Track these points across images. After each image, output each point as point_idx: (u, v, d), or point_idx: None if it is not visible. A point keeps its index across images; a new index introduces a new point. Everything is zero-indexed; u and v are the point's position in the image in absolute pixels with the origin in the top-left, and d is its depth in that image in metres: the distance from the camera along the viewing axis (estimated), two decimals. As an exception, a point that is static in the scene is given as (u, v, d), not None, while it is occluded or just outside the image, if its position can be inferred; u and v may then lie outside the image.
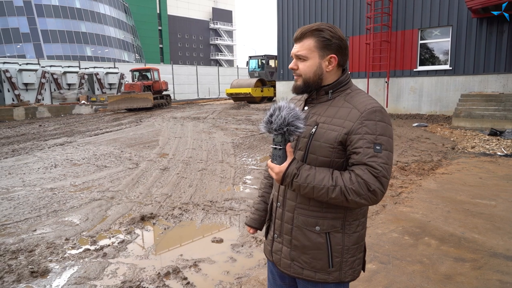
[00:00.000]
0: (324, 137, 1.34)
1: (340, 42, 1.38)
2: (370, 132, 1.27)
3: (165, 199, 5.02)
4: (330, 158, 1.33)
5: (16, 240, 3.78)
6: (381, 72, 14.99)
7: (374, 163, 1.24)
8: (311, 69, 1.39)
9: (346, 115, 1.33)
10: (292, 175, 1.31)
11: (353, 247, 1.41)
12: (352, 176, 1.25)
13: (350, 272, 1.42)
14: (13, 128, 13.92)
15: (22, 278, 3.04)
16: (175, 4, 68.61)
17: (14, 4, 40.56)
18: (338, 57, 1.39)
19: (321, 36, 1.37)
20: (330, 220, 1.37)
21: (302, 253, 1.42)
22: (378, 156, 1.25)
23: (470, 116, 10.65)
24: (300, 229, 1.41)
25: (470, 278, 2.86)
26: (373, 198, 1.25)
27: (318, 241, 1.38)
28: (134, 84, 20.57)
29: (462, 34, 12.92)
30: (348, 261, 1.40)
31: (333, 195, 1.26)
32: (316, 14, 16.93)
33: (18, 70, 20.56)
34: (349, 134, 1.30)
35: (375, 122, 1.29)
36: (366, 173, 1.24)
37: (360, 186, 1.23)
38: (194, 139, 10.00)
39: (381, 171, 1.24)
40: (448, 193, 5.02)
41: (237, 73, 40.24)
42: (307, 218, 1.39)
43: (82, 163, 7.42)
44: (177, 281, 2.96)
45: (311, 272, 1.41)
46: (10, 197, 5.26)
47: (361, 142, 1.27)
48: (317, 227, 1.38)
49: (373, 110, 1.30)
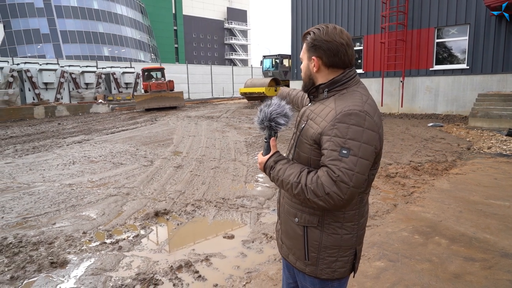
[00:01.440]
0: (306, 134, 1.40)
1: (325, 44, 1.38)
2: (339, 135, 1.25)
3: (178, 196, 5.14)
4: (308, 155, 1.38)
5: (36, 232, 3.95)
6: (396, 72, 14.82)
7: (334, 167, 1.22)
8: (304, 70, 1.50)
9: (325, 115, 1.34)
10: (269, 167, 1.42)
11: (332, 247, 1.39)
12: (314, 177, 1.27)
13: (327, 271, 1.42)
14: (33, 126, 14.35)
15: (43, 268, 3.19)
16: (191, 4, 69.21)
17: (35, 5, 41.71)
18: (323, 58, 1.40)
19: (307, 39, 1.45)
20: (307, 214, 1.41)
21: (287, 238, 1.53)
22: (342, 161, 1.22)
23: (488, 116, 10.44)
24: (285, 216, 1.53)
25: (479, 278, 2.86)
26: (330, 202, 1.23)
27: (297, 232, 1.46)
28: (161, 82, 20.46)
29: (480, 32, 12.66)
30: (325, 259, 1.41)
31: (295, 191, 1.31)
32: (331, 13, 16.86)
33: (38, 70, 21.15)
34: (322, 134, 1.31)
35: (347, 125, 1.25)
36: (325, 175, 1.24)
37: (318, 187, 1.24)
38: (207, 137, 10.13)
39: (339, 176, 1.21)
40: (461, 193, 4.98)
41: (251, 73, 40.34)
42: (289, 208, 1.49)
43: (99, 160, 7.63)
44: (189, 274, 3.05)
45: (293, 258, 1.50)
46: (31, 192, 5.47)
47: (327, 143, 1.27)
48: (296, 219, 1.45)
49: (349, 113, 1.27)
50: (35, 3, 41.71)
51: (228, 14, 75.41)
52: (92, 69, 24.85)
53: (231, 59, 75.21)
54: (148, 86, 20.86)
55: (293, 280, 1.64)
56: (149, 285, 2.89)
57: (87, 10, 45.37)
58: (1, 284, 2.96)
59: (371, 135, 1.27)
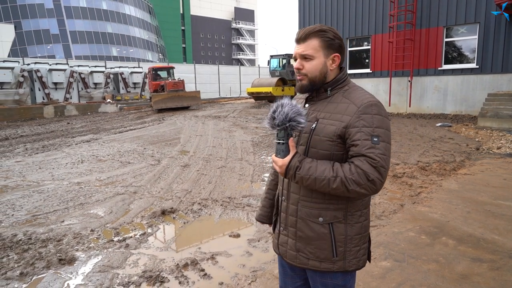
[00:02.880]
0: (324, 131, 1.41)
1: (341, 42, 1.47)
2: (367, 125, 1.34)
3: (185, 195, 5.17)
4: (330, 151, 1.41)
5: (45, 230, 4.01)
6: (404, 71, 14.70)
7: (372, 154, 1.31)
8: (318, 68, 1.46)
9: (344, 110, 1.41)
10: (295, 167, 1.38)
11: (356, 237, 1.46)
12: (352, 167, 1.32)
13: (354, 262, 1.47)
14: (43, 125, 14.55)
15: (51, 264, 3.24)
16: (198, 4, 69.46)
17: (45, 6, 42.25)
18: (340, 56, 1.48)
19: (325, 36, 1.44)
20: (333, 211, 1.43)
21: (306, 244, 1.49)
22: (376, 148, 1.31)
23: (497, 116, 10.31)
24: (304, 221, 1.48)
25: (487, 279, 2.83)
26: (373, 188, 1.31)
27: (321, 232, 1.45)
28: (178, 82, 19.94)
29: (490, 31, 12.49)
30: (351, 251, 1.46)
31: (334, 186, 1.32)
32: (338, 13, 16.78)
33: (48, 70, 21.43)
34: (347, 127, 1.37)
35: (371, 115, 1.36)
36: (365, 164, 1.30)
37: (360, 176, 1.29)
38: (214, 137, 10.16)
39: (379, 161, 1.30)
40: (469, 193, 4.93)
41: (258, 72, 40.35)
42: (310, 210, 1.46)
43: (107, 159, 7.71)
44: (195, 272, 3.07)
45: (316, 262, 1.48)
46: (40, 190, 5.55)
47: (359, 134, 1.34)
48: (320, 218, 1.44)
49: (370, 104, 1.38)
50: (45, 4, 42.27)
51: (236, 14, 75.51)
52: (101, 69, 25.11)
53: (239, 59, 75.30)
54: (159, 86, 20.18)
55: (300, 279, 1.64)
56: (156, 282, 2.92)
57: (96, 10, 45.82)
58: (11, 280, 3.02)
59: (388, 122, 1.40)
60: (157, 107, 18.58)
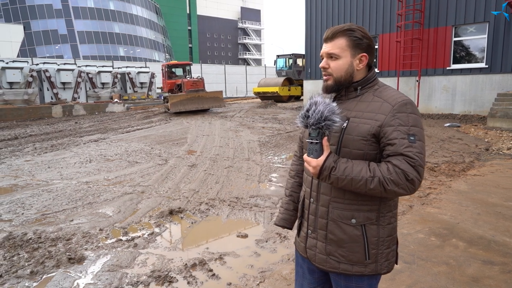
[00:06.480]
0: (357, 130, 1.38)
1: (369, 41, 1.45)
2: (403, 124, 1.33)
3: (192, 195, 5.18)
4: (364, 151, 1.38)
5: (55, 229, 4.05)
6: (412, 71, 14.59)
7: (410, 153, 1.29)
8: (343, 67, 1.44)
9: (377, 108, 1.38)
10: (330, 168, 1.33)
11: (387, 238, 1.44)
12: (390, 167, 1.29)
13: (385, 264, 1.45)
14: (51, 125, 14.68)
15: (61, 263, 3.26)
16: (205, 4, 69.61)
17: (53, 7, 42.66)
18: (368, 56, 1.45)
19: (353, 36, 1.42)
20: (366, 212, 1.40)
21: (338, 246, 1.44)
22: (413, 146, 1.30)
23: (507, 116, 10.18)
24: (335, 223, 1.44)
25: (498, 282, 2.79)
26: (411, 187, 1.28)
27: (354, 234, 1.41)
28: (197, 80, 17.38)
29: (500, 30, 12.33)
30: (383, 253, 1.43)
31: (371, 186, 1.29)
32: (345, 12, 16.70)
33: (56, 70, 21.62)
34: (382, 126, 1.34)
35: (407, 114, 1.34)
36: (404, 163, 1.28)
37: (398, 176, 1.27)
38: (221, 137, 10.17)
39: (417, 160, 1.28)
40: (479, 195, 4.87)
41: (264, 72, 40.34)
42: (342, 211, 1.42)
43: (115, 158, 7.76)
44: (203, 273, 3.08)
45: (348, 265, 1.43)
46: (49, 189, 5.60)
47: (395, 133, 1.32)
48: (353, 220, 1.41)
49: (404, 103, 1.36)
50: (54, 5, 42.67)
51: (242, 13, 75.53)
52: (108, 69, 25.27)
53: (245, 59, 75.31)
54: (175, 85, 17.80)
55: (318, 284, 1.61)
56: (164, 282, 2.93)
57: (103, 11, 46.14)
58: (22, 278, 3.05)
59: (421, 121, 1.38)
60: (175, 110, 15.80)
